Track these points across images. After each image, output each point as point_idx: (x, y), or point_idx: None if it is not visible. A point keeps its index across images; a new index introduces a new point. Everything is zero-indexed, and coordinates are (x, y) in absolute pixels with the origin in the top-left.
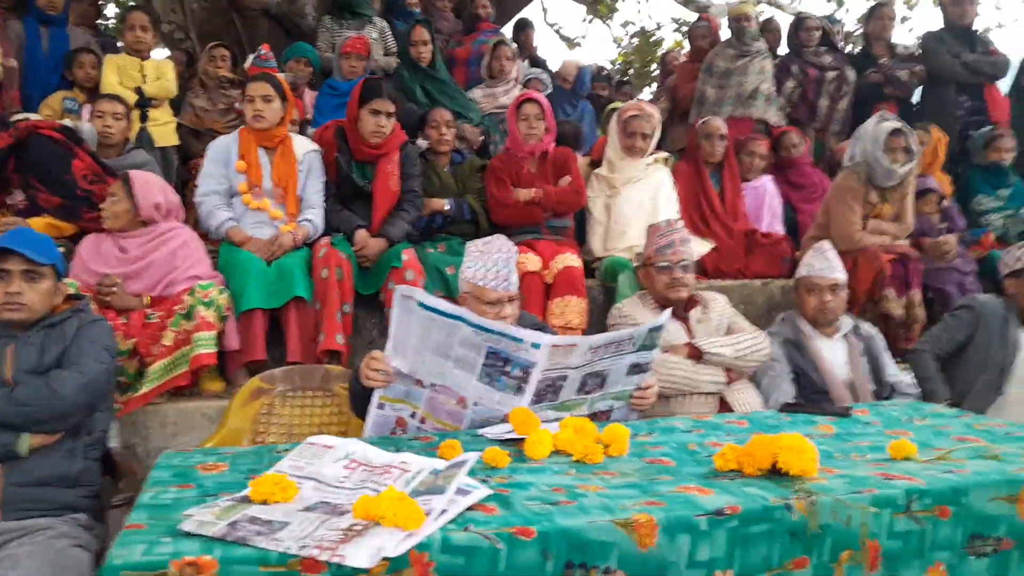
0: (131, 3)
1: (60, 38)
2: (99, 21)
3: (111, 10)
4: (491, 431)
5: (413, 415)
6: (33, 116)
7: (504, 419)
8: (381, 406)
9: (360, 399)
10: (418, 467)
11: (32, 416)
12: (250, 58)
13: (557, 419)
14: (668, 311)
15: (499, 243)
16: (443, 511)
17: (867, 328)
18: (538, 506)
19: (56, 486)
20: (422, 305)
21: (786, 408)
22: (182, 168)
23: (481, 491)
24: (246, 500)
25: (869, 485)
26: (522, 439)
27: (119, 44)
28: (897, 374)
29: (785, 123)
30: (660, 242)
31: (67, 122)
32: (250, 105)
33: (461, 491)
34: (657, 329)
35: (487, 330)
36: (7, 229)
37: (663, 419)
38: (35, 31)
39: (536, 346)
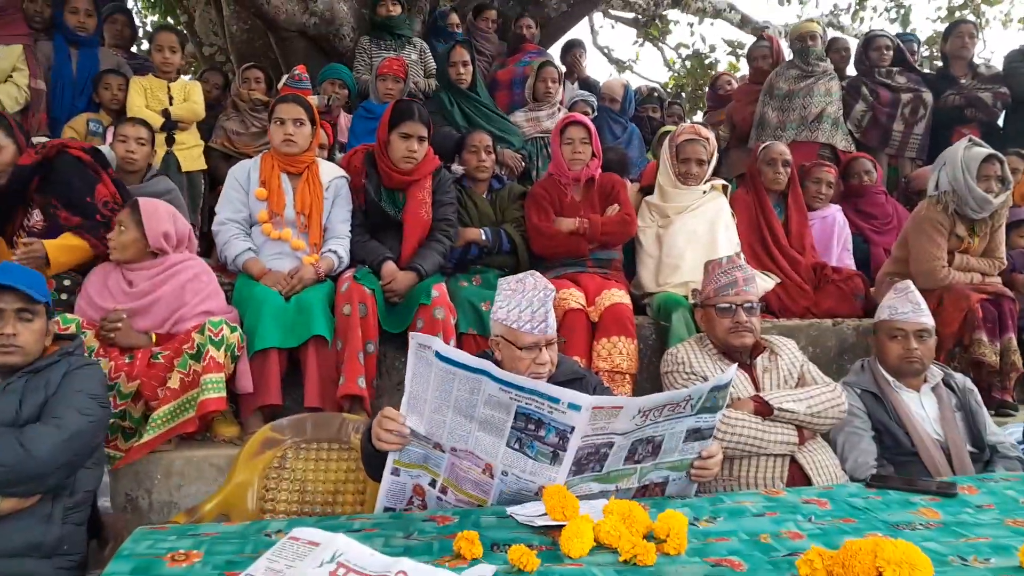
0: (163, 24)
1: (90, 60)
2: (134, 46)
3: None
4: (523, 511)
5: (433, 483)
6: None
7: (538, 493)
8: (396, 471)
9: (373, 460)
10: None
11: (1, 478)
12: (284, 79)
13: (603, 492)
14: (734, 367)
15: (534, 280)
16: None
17: (960, 379)
18: None
19: (30, 557)
20: (440, 357)
21: (875, 482)
22: (211, 194)
23: None
24: None
25: None
26: (558, 526)
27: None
28: (997, 433)
29: (853, 148)
30: (721, 280)
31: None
32: (279, 128)
33: None
34: (722, 388)
35: (516, 387)
36: (29, 250)
37: (728, 495)
38: (65, 52)
39: (575, 407)
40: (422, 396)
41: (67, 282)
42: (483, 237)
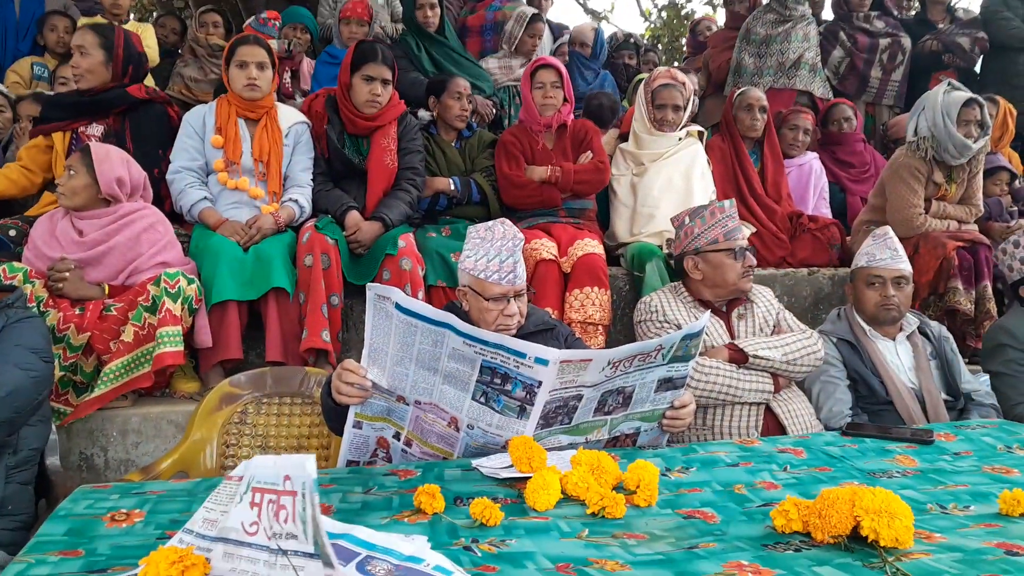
0: None
1: (34, 2)
2: None
3: None
4: (488, 463)
5: (397, 436)
6: None
7: (505, 447)
8: (358, 425)
9: (334, 414)
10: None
11: None
12: (248, 21)
13: (572, 444)
14: (707, 314)
15: (504, 229)
16: None
17: (935, 327)
18: None
19: None
20: (400, 308)
21: (851, 430)
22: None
23: None
24: None
25: (991, 568)
26: (525, 478)
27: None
28: (972, 381)
29: (831, 95)
30: (728, 224)
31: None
32: (241, 72)
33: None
34: (694, 336)
35: (481, 341)
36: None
37: (701, 445)
38: None
39: (542, 362)
40: (383, 349)
41: (12, 232)
42: (452, 187)
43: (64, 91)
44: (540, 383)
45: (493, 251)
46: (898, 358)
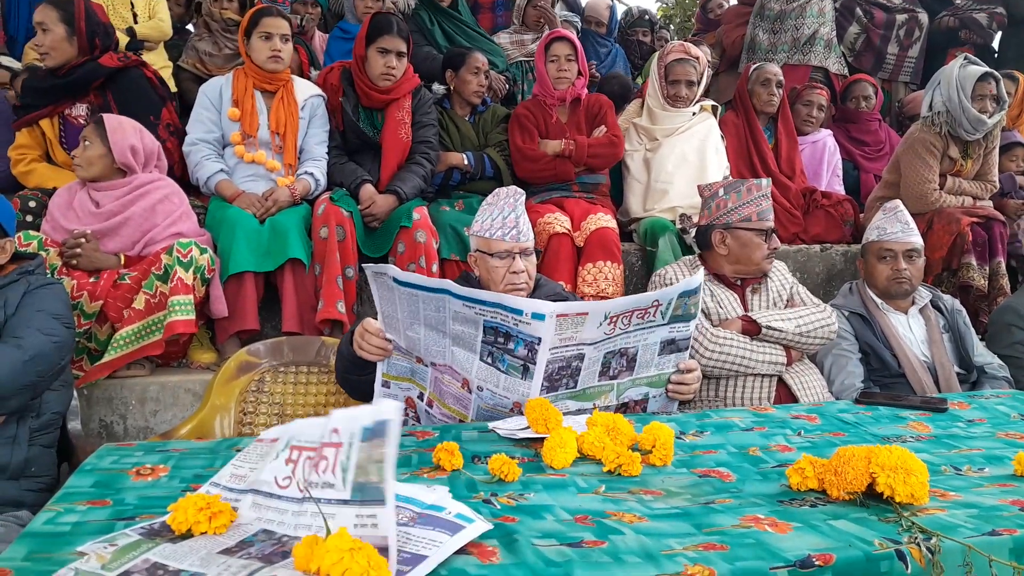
0: None
1: None
2: None
3: None
4: (505, 425)
5: (421, 396)
6: (7, 60)
7: (513, 409)
8: (386, 384)
9: (353, 369)
10: (347, 435)
11: None
12: None
13: (580, 411)
14: (701, 271)
15: (507, 191)
16: (417, 559)
17: (948, 300)
18: (555, 550)
19: None
20: (398, 282)
21: (864, 399)
22: (182, 117)
23: (477, 526)
24: (162, 532)
25: (1006, 524)
26: (541, 439)
27: None
28: (985, 354)
29: (846, 72)
30: (762, 204)
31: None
32: (265, 43)
33: (444, 524)
34: (692, 294)
35: (478, 301)
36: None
37: (715, 411)
38: None
39: (539, 316)
40: (394, 315)
41: (32, 203)
42: (466, 162)
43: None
44: (540, 339)
45: (496, 210)
46: (910, 331)
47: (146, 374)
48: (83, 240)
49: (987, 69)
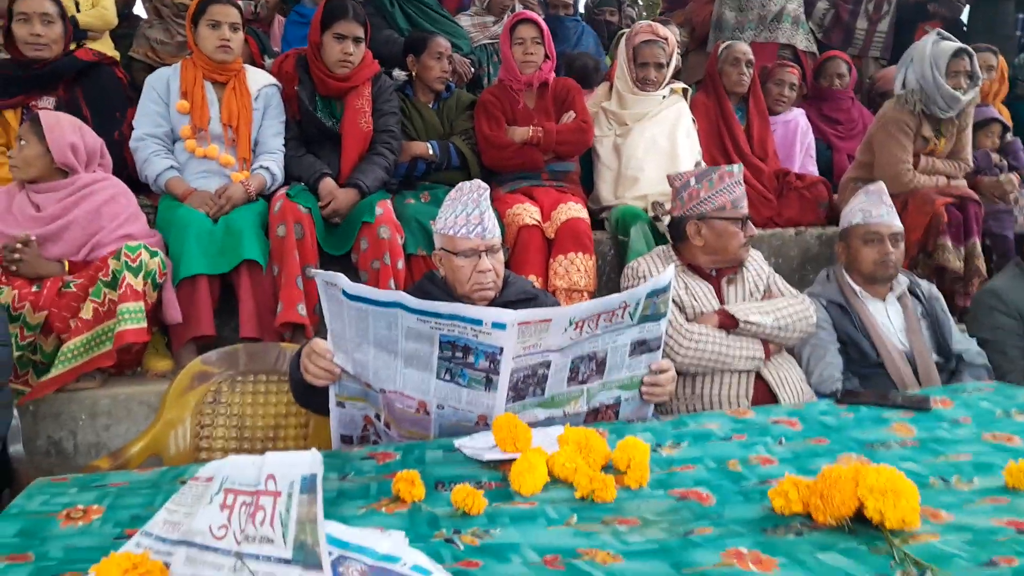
0: None
1: None
2: None
3: None
4: (471, 444)
5: (378, 416)
6: None
7: (478, 423)
8: (341, 404)
9: (302, 388)
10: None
11: None
12: None
13: (549, 419)
14: (671, 267)
15: (470, 184)
16: None
17: (926, 287)
18: None
19: None
20: (348, 296)
21: (846, 398)
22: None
23: None
24: None
25: (1004, 551)
26: (510, 459)
27: None
28: (962, 340)
29: (815, 48)
30: (736, 191)
31: None
32: (214, 32)
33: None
34: (661, 292)
35: (434, 314)
36: None
37: (691, 417)
38: None
39: (500, 326)
40: (342, 334)
41: None
42: (430, 151)
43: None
44: (502, 349)
45: (460, 206)
46: (889, 320)
47: (97, 386)
48: (23, 246)
49: (961, 45)
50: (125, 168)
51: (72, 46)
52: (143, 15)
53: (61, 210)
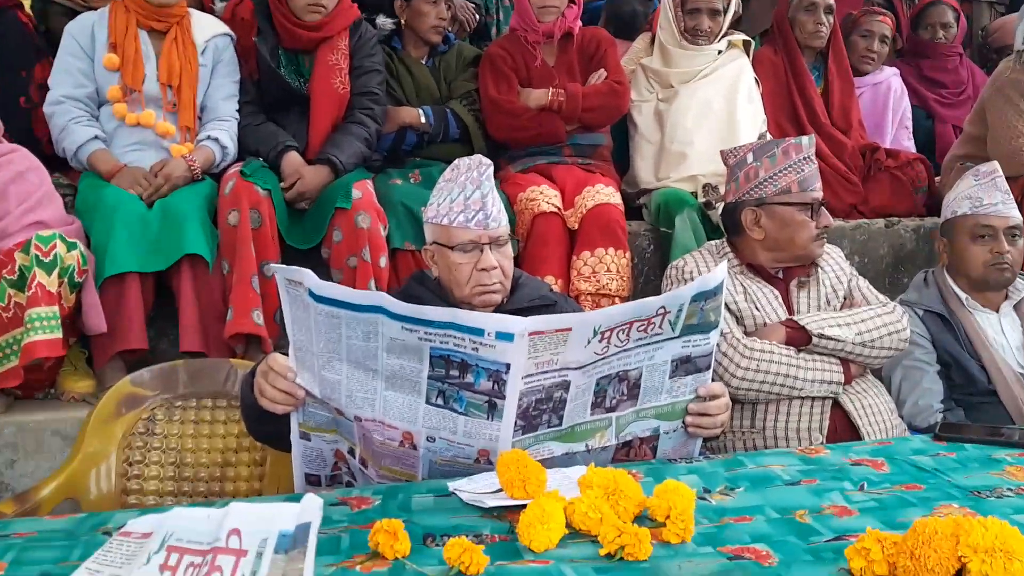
0: None
1: None
2: None
3: None
4: (471, 487)
5: (352, 452)
6: None
7: (479, 459)
8: (305, 436)
9: (255, 415)
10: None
11: None
12: None
13: (567, 455)
14: (724, 264)
15: (469, 161)
16: None
17: None
18: None
19: None
20: (315, 297)
21: (945, 433)
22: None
23: None
24: None
25: None
26: (518, 507)
27: None
28: None
29: None
30: (804, 169)
31: None
32: None
33: None
34: (711, 296)
35: (424, 322)
36: None
37: (749, 457)
38: None
39: (506, 337)
40: (307, 348)
41: None
42: (422, 119)
43: None
44: (508, 366)
45: (457, 188)
46: (1003, 335)
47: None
48: None
49: None
50: (35, 141)
51: None
52: None
53: None
